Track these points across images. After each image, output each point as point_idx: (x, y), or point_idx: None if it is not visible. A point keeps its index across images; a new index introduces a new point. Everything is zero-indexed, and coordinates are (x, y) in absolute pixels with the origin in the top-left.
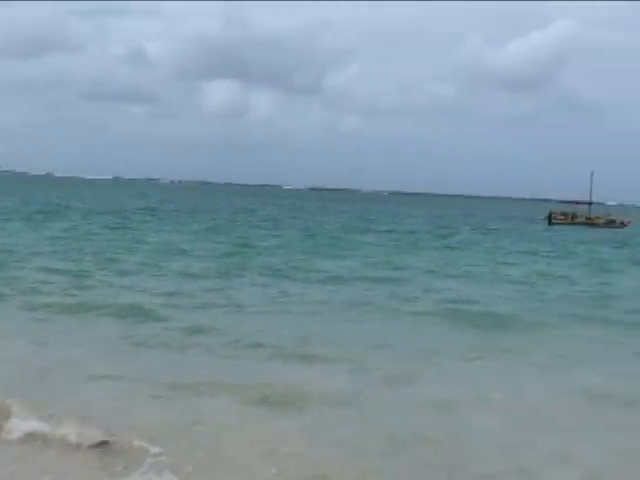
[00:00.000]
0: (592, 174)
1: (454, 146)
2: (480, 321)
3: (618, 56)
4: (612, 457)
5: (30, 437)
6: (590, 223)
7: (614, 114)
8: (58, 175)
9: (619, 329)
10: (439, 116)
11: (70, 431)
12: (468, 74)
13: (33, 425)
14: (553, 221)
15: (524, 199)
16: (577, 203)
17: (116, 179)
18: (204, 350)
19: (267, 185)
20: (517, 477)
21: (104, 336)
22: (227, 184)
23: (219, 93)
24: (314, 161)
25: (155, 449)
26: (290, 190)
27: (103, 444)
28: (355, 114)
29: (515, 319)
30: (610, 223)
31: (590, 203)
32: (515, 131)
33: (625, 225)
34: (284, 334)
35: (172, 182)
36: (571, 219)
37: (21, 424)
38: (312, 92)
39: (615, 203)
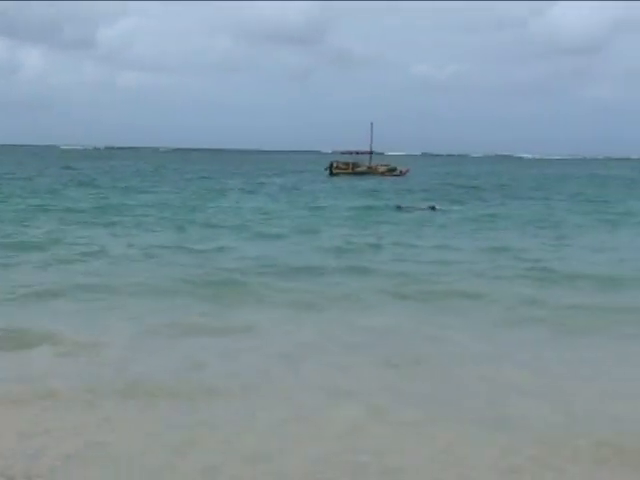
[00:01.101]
0: (372, 125)
1: (236, 101)
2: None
3: (387, 14)
4: (386, 393)
5: None
6: (371, 172)
7: (385, 69)
8: None
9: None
10: (219, 71)
11: None
12: (241, 28)
13: None
14: (335, 171)
15: (311, 151)
16: (358, 153)
17: None
18: None
19: (42, 145)
20: (299, 421)
21: None
22: None
23: None
24: (93, 119)
25: None
26: (68, 150)
27: None
28: (132, 70)
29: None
30: (391, 171)
31: (371, 153)
32: (294, 86)
33: (404, 173)
34: None
35: None
36: (352, 169)
37: None
38: (85, 47)
39: (396, 153)
